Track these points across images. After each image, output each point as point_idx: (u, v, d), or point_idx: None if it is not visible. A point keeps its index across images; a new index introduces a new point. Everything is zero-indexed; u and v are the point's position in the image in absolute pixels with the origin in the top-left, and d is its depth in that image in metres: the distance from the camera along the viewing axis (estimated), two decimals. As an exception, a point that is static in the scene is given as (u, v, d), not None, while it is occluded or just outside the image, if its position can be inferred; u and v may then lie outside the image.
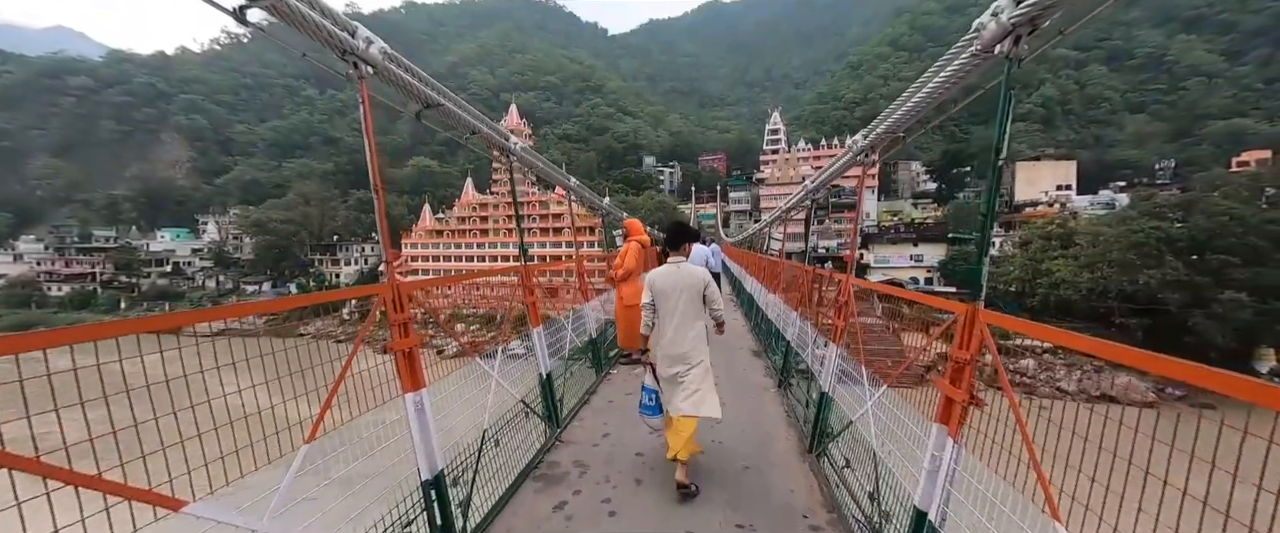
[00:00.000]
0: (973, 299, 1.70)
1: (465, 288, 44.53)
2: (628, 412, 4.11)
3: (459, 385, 2.56)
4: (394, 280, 2.02)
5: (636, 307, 5.90)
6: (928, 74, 2.26)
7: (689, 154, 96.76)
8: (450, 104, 2.39)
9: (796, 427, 3.82)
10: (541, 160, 3.89)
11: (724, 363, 5.92)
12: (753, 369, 5.79)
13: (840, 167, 3.13)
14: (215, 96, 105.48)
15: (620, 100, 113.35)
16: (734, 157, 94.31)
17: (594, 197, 6.04)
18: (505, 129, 3.26)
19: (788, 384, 4.69)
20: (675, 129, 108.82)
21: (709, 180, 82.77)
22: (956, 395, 1.64)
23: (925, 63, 23.22)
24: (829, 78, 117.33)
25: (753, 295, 8.98)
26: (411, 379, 2.05)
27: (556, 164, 4.65)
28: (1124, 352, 1.11)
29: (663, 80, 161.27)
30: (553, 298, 4.54)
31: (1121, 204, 43.47)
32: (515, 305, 3.45)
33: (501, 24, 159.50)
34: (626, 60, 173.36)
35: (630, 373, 5.41)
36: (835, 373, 3.03)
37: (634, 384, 4.85)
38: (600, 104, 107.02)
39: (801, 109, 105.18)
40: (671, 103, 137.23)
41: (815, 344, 3.88)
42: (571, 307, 4.78)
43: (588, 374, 4.97)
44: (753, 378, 5.38)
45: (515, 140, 3.30)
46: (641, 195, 66.80)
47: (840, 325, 3.01)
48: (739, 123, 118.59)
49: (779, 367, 4.97)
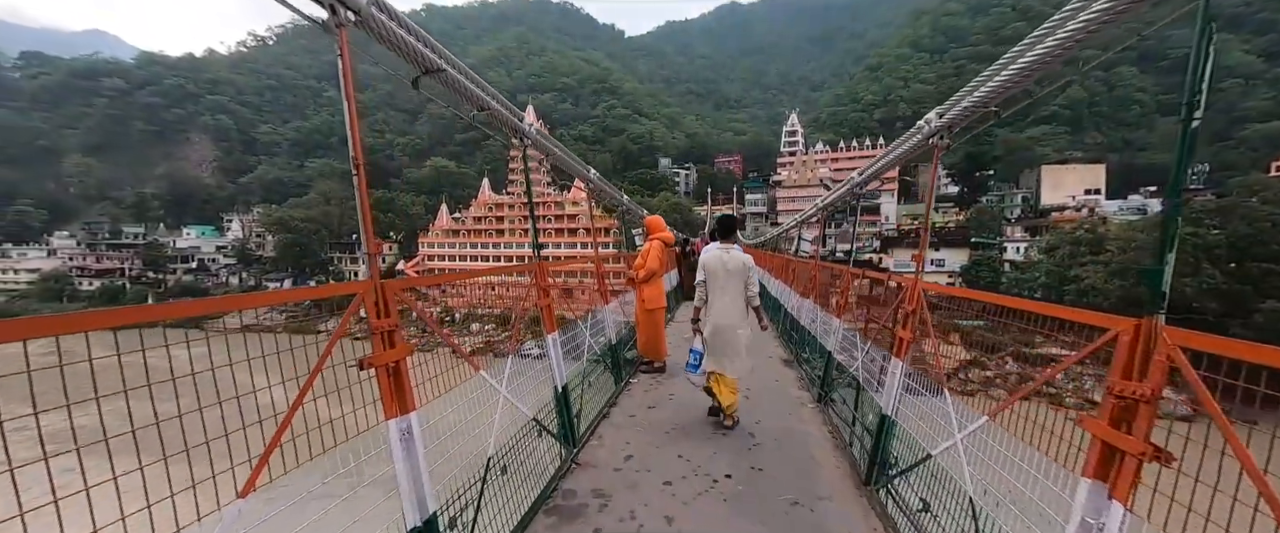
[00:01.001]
0: (1151, 311, 1.24)
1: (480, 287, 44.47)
2: (652, 429, 3.70)
3: (463, 399, 2.16)
4: (377, 277, 1.62)
5: (659, 310, 5.43)
6: (1030, 40, 1.86)
7: (705, 156, 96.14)
8: (454, 71, 2.00)
9: (845, 451, 3.34)
10: (558, 147, 3.50)
11: (757, 372, 5.45)
12: (787, 381, 5.33)
13: (905, 150, 2.69)
14: (241, 98, 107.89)
15: (636, 102, 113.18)
16: (750, 159, 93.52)
17: (614, 191, 5.62)
18: (519, 111, 2.90)
19: (829, 399, 4.20)
20: (691, 131, 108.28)
21: (725, 182, 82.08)
22: (1127, 446, 1.18)
23: (947, 65, 22.38)
24: (847, 80, 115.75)
25: (779, 299, 8.48)
26: (398, 402, 1.64)
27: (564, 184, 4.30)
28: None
29: (679, 82, 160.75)
30: (568, 299, 4.13)
31: (1154, 209, 42.06)
32: (527, 307, 3.06)
33: (519, 26, 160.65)
34: (643, 62, 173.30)
35: (653, 383, 4.98)
36: (899, 393, 2.57)
37: (657, 397, 4.44)
38: (616, 105, 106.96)
39: (819, 111, 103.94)
40: (687, 104, 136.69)
41: (862, 354, 3.42)
42: (589, 310, 4.36)
43: (607, 383, 4.56)
44: (788, 390, 4.93)
45: (531, 122, 2.91)
46: (657, 197, 66.36)
47: (905, 338, 2.55)
48: (755, 125, 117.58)
49: (817, 379, 4.46)
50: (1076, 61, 2.06)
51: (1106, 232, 37.43)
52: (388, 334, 1.65)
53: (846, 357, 3.70)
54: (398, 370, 1.67)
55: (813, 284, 5.59)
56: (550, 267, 3.33)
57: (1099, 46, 1.96)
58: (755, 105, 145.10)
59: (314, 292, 1.57)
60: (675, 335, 7.38)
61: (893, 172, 69.83)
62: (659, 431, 3.61)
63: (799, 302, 6.31)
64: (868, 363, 3.28)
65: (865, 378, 3.22)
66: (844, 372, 3.93)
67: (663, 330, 5.51)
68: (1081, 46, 1.82)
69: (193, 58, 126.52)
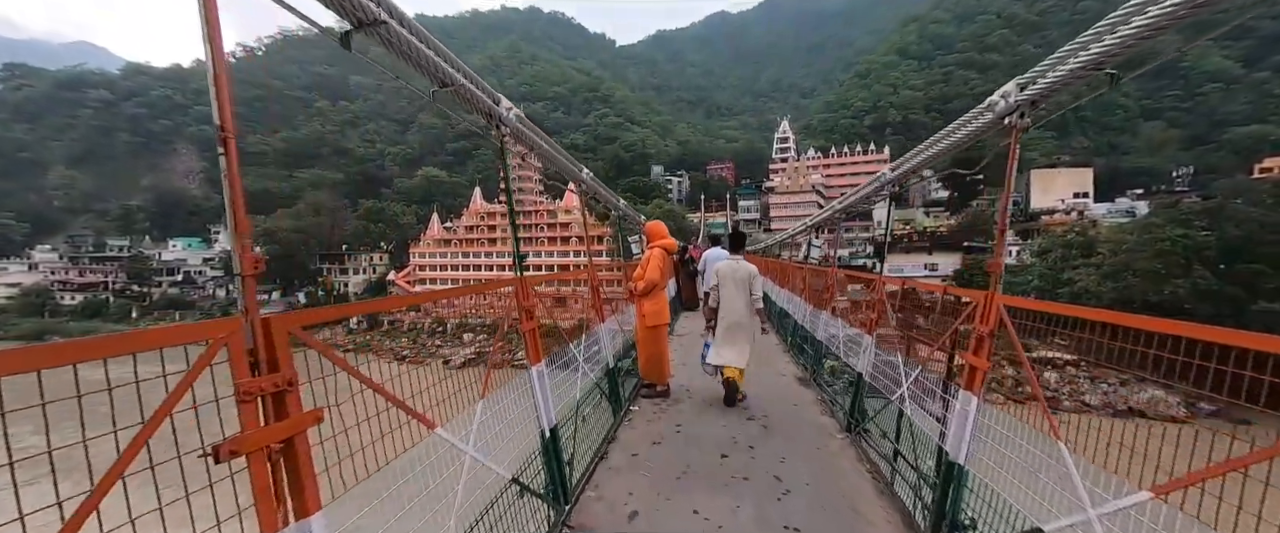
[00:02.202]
0: None
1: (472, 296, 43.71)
2: (659, 474, 3.12)
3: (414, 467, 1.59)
4: (254, 309, 1.06)
5: (661, 327, 4.75)
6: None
7: (697, 163, 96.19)
8: (394, 22, 1.45)
9: (893, 500, 2.78)
10: (546, 140, 2.97)
11: (770, 392, 4.89)
12: (805, 403, 4.72)
13: (975, 130, 2.18)
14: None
15: (628, 110, 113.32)
16: (742, 165, 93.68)
17: (609, 194, 5.04)
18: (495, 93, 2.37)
19: (861, 430, 3.67)
20: (683, 138, 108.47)
21: (717, 189, 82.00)
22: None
23: (935, 72, 22.16)
24: (837, 87, 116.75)
25: (786, 309, 7.96)
26: (295, 501, 1.08)
27: (559, 184, 3.78)
28: None
29: (670, 90, 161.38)
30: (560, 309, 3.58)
31: (1141, 212, 42.50)
32: (504, 340, 2.50)
33: (510, 36, 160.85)
34: (634, 70, 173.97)
35: (657, 411, 4.38)
36: (972, 435, 2.04)
37: (662, 429, 3.86)
38: (608, 114, 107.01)
39: (810, 118, 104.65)
40: (679, 112, 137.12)
41: (905, 377, 2.89)
42: (583, 327, 3.79)
43: (603, 414, 3.94)
44: (809, 415, 4.33)
45: (508, 105, 2.39)
46: (650, 204, 66.02)
47: (979, 367, 2.02)
48: (747, 132, 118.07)
49: (846, 407, 3.90)
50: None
51: (1097, 234, 37.72)
52: (276, 397, 1.10)
53: (885, 382, 3.15)
54: (291, 452, 1.11)
55: (830, 295, 5.02)
56: (536, 281, 2.75)
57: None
58: (746, 112, 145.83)
59: (155, 336, 0.94)
60: (680, 352, 6.74)
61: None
62: (667, 475, 3.04)
63: (812, 313, 5.80)
64: (913, 388, 2.74)
65: (911, 407, 2.68)
66: (877, 396, 3.41)
67: (666, 349, 4.92)
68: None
69: (180, 68, 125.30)
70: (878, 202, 4.26)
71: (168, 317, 62.72)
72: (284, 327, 1.16)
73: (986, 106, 2.09)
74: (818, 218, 6.03)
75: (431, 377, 1.77)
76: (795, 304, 7.01)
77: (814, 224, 6.44)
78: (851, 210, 4.59)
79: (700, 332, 7.77)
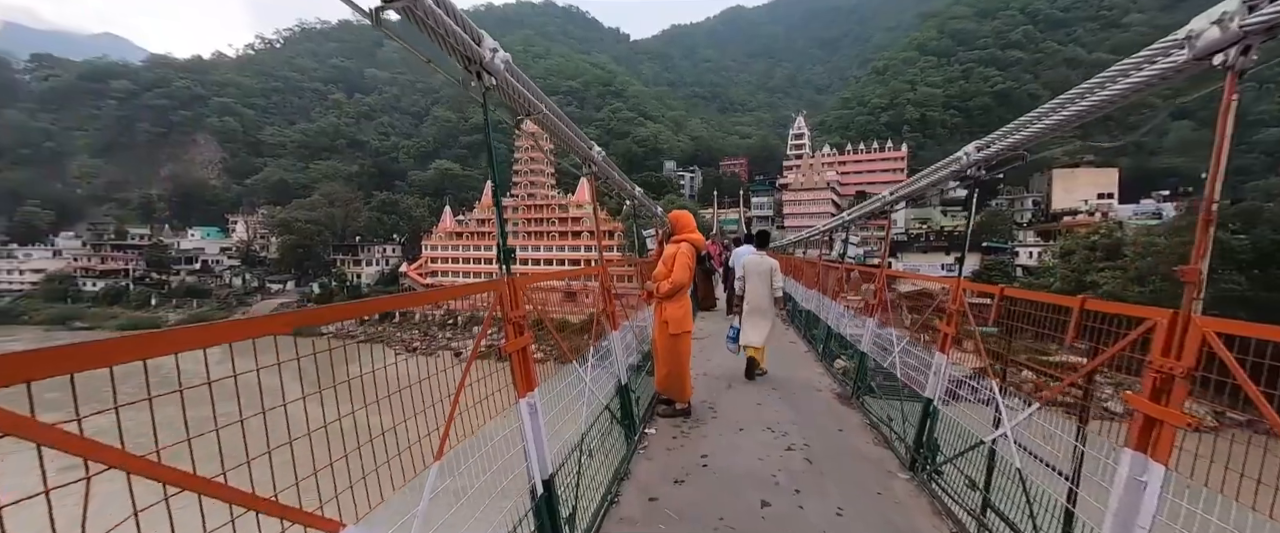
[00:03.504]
0: None
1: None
2: (685, 526, 2.50)
3: None
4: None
5: (685, 337, 3.99)
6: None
7: (710, 159, 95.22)
8: None
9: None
10: (540, 97, 2.40)
11: (808, 413, 4.23)
12: (853, 429, 3.89)
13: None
14: (248, 100, 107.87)
15: (641, 104, 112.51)
16: (756, 162, 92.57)
17: (624, 179, 4.28)
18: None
19: (934, 472, 2.95)
20: (696, 134, 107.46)
21: (731, 185, 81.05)
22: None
23: (954, 68, 21.23)
24: (853, 83, 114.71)
25: (816, 313, 7.34)
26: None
27: (573, 170, 3.24)
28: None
29: (684, 85, 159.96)
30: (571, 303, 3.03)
31: (1169, 214, 41.46)
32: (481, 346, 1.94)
33: (524, 30, 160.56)
34: (648, 65, 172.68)
35: (678, 435, 3.72)
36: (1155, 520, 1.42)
37: (685, 460, 3.20)
38: (621, 108, 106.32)
39: (825, 114, 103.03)
40: (693, 108, 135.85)
41: (1004, 415, 2.28)
42: (591, 344, 3.15)
43: (615, 443, 3.27)
44: (859, 445, 3.58)
45: (492, 45, 1.82)
46: (662, 200, 65.31)
47: (1168, 421, 1.39)
48: (761, 128, 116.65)
49: (911, 441, 3.19)
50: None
51: (1123, 236, 36.87)
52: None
53: (975, 419, 2.52)
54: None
55: (881, 299, 4.31)
56: (530, 282, 2.16)
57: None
58: (761, 108, 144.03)
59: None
60: (702, 361, 5.95)
61: (902, 177, 68.27)
62: (695, 526, 2.45)
63: (848, 318, 5.17)
64: (1018, 430, 2.13)
65: (1018, 453, 2.06)
66: (951, 426, 2.80)
67: (688, 362, 4.17)
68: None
69: (201, 60, 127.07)
70: (950, 189, 3.63)
71: (185, 304, 63.65)
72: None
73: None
74: (863, 208, 5.34)
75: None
76: (828, 308, 6.36)
77: (856, 216, 5.77)
78: (911, 197, 3.90)
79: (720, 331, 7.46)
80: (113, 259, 69.45)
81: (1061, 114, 2.05)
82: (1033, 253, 48.25)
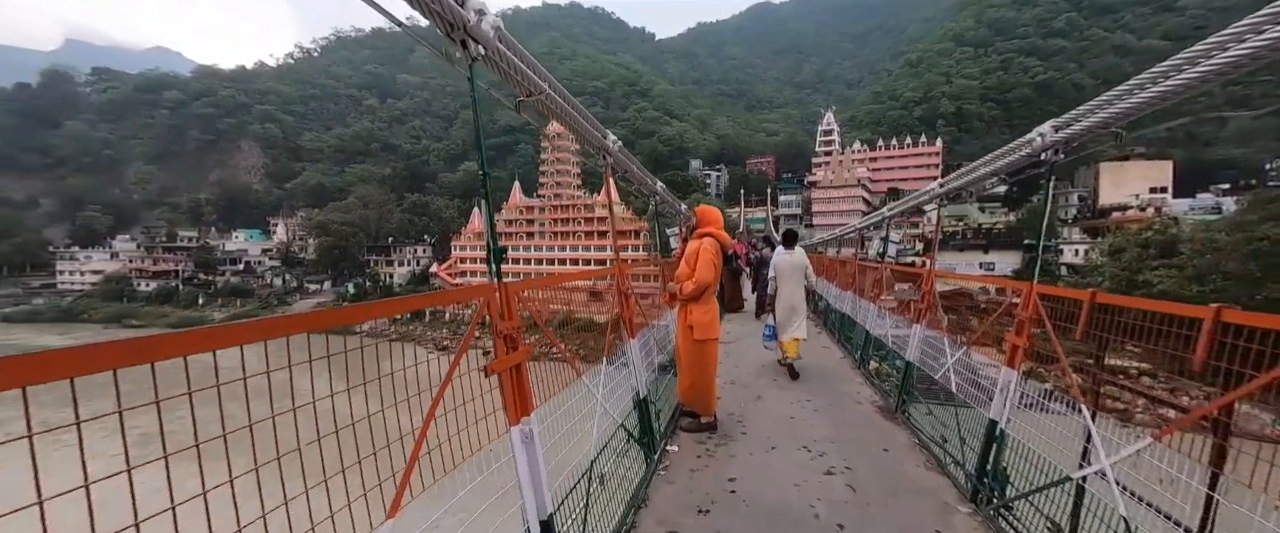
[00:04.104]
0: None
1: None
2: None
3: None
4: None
5: (712, 343, 3.71)
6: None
7: (736, 157, 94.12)
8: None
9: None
10: (537, 71, 2.15)
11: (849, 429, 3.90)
12: (901, 450, 3.48)
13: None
14: (288, 107, 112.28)
15: (667, 103, 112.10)
16: (783, 159, 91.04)
17: (644, 173, 3.92)
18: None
19: (1003, 508, 2.55)
20: (722, 132, 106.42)
21: (757, 183, 79.84)
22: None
23: (992, 59, 20.23)
24: (884, 77, 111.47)
25: (851, 316, 6.93)
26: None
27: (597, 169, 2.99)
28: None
29: (709, 83, 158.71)
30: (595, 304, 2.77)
31: (1229, 209, 38.79)
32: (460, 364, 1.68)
33: (550, 32, 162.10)
34: (673, 64, 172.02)
35: (703, 452, 3.46)
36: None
37: (711, 484, 2.95)
38: (647, 108, 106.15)
39: (856, 110, 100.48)
40: (719, 106, 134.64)
41: (1099, 449, 1.91)
42: (604, 356, 2.83)
43: (632, 463, 2.95)
44: (909, 470, 3.15)
45: (478, 5, 1.57)
46: (688, 199, 64.75)
47: None
48: (789, 125, 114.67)
49: (973, 469, 2.78)
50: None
51: (1179, 232, 34.69)
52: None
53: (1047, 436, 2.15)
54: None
55: (928, 303, 3.87)
56: (525, 287, 1.87)
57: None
58: (788, 105, 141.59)
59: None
60: (729, 368, 5.72)
61: (937, 173, 65.73)
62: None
63: (889, 323, 4.76)
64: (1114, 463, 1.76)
65: (1123, 498, 1.69)
66: (1024, 453, 2.41)
67: (715, 372, 3.88)
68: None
69: (244, 70, 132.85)
70: (989, 185, 3.22)
71: (230, 303, 66.60)
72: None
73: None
74: (910, 201, 4.85)
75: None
76: (866, 311, 5.94)
77: (906, 208, 5.28)
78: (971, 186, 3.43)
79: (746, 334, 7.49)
80: (164, 260, 73.25)
81: (1166, 84, 1.70)
82: (1079, 251, 45.92)
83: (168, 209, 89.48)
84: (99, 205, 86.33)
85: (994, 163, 2.91)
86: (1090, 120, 2.17)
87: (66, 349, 0.68)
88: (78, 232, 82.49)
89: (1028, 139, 2.49)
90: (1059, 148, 2.37)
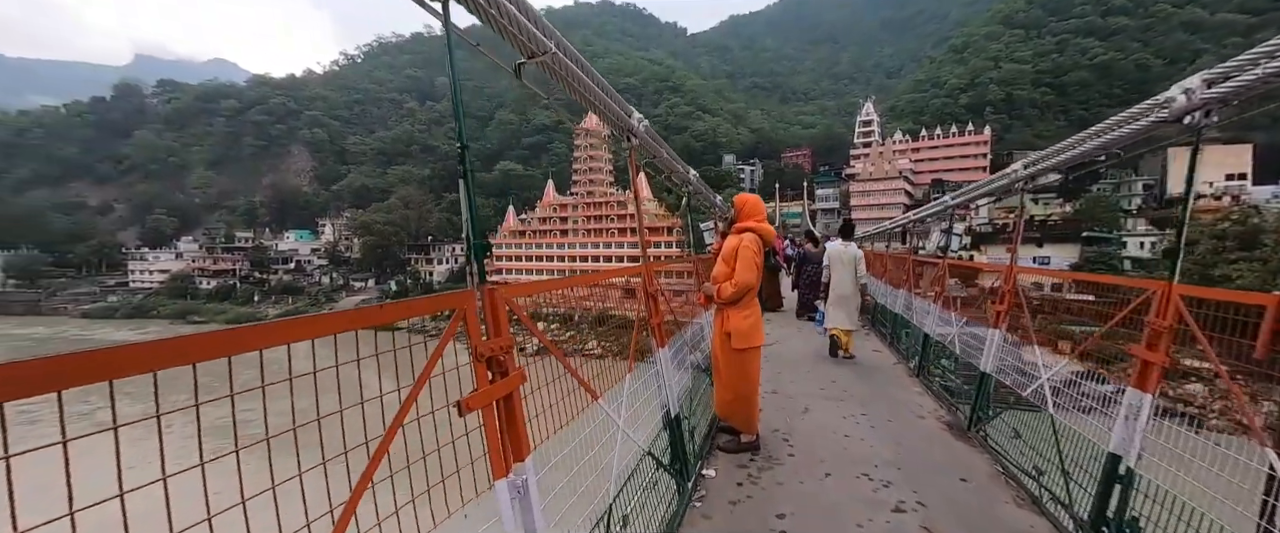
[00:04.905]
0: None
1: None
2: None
3: None
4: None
5: (754, 352, 3.20)
6: None
7: (771, 151, 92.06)
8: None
9: None
10: (537, 22, 1.79)
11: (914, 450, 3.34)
12: (981, 479, 2.91)
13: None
14: (333, 112, 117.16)
15: (699, 98, 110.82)
16: (820, 152, 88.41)
17: (676, 159, 3.48)
18: None
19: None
20: (756, 126, 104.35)
21: (793, 177, 77.72)
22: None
23: (1046, 41, 18.65)
24: (927, 64, 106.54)
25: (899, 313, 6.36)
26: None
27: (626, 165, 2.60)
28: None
29: (743, 77, 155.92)
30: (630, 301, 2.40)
31: None
32: None
33: (582, 30, 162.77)
34: (706, 58, 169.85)
35: (745, 479, 2.97)
36: None
37: (756, 521, 2.49)
38: (679, 103, 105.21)
39: (896, 99, 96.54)
40: (753, 99, 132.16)
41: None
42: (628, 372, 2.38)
43: (663, 493, 2.52)
44: (995, 506, 2.61)
45: None
46: (722, 194, 63.65)
47: None
48: (825, 117, 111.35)
49: (1087, 512, 2.11)
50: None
51: (1261, 223, 31.87)
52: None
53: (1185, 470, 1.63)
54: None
55: (1007, 306, 3.27)
56: (516, 292, 1.49)
57: None
58: (825, 96, 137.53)
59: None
60: (771, 376, 5.01)
61: (984, 163, 61.95)
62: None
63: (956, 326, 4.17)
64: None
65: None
66: (1163, 499, 1.88)
67: (757, 384, 3.38)
68: None
69: (294, 78, 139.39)
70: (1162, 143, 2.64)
71: (282, 301, 70.08)
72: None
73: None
74: (999, 180, 3.79)
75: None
76: (924, 312, 5.31)
77: (981, 193, 4.54)
78: (1090, 157, 2.79)
79: (788, 337, 7.40)
80: (223, 260, 77.72)
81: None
82: (1144, 243, 42.61)
83: (226, 211, 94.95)
84: (165, 209, 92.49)
85: (1108, 133, 2.34)
86: (1265, 68, 1.62)
87: (144, 343, 0.68)
88: (147, 234, 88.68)
89: (1164, 99, 1.93)
90: (1212, 107, 1.80)
